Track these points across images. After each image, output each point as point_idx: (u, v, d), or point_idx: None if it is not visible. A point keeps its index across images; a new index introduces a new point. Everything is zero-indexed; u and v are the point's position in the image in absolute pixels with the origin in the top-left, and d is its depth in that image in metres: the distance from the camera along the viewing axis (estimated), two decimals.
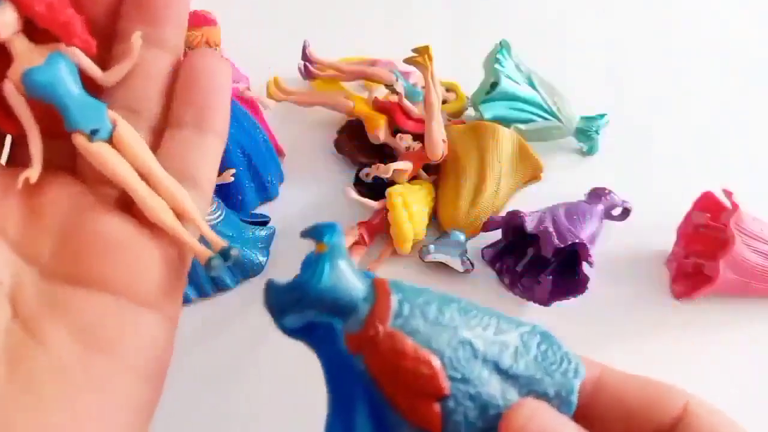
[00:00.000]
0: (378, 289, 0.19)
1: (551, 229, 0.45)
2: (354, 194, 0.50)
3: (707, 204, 0.50)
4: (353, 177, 0.55)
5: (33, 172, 0.20)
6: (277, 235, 0.50)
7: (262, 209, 0.53)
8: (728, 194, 0.47)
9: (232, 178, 0.47)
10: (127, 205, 0.23)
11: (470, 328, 0.19)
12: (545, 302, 0.46)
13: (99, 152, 0.21)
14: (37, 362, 0.19)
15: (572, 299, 0.45)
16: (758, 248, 0.46)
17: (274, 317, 0.20)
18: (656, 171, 0.58)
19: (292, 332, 0.20)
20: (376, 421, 0.19)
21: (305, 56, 0.57)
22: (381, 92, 0.55)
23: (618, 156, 0.59)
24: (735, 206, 0.46)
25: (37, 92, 0.20)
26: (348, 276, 0.19)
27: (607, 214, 0.51)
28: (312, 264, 0.19)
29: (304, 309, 0.19)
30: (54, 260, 0.21)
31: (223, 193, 0.49)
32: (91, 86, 0.21)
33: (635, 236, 0.52)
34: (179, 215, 0.22)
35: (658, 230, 0.52)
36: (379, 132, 0.53)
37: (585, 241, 0.45)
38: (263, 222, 0.51)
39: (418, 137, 0.52)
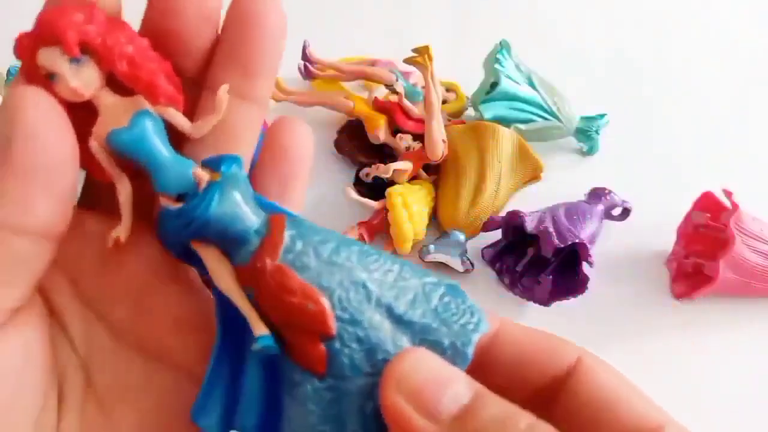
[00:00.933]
0: (272, 224, 0.19)
1: (551, 229, 0.45)
2: (354, 194, 0.50)
3: (707, 204, 0.50)
4: (353, 177, 0.55)
5: (123, 232, 0.19)
6: None
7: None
8: (728, 194, 0.47)
9: None
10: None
11: (368, 271, 0.19)
12: (545, 302, 0.46)
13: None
14: None
15: (572, 299, 0.45)
16: (758, 248, 0.46)
17: (164, 244, 0.20)
18: (656, 171, 0.58)
19: (183, 256, 0.20)
20: (266, 369, 0.19)
21: (305, 56, 0.57)
22: (381, 92, 0.55)
23: (618, 156, 0.59)
24: (735, 206, 0.46)
25: (123, 152, 0.19)
26: (240, 206, 0.19)
27: (607, 214, 0.51)
28: (204, 192, 0.19)
29: (193, 236, 0.19)
30: (128, 325, 0.20)
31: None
32: (177, 137, 0.20)
33: (635, 236, 0.52)
34: None
35: (658, 230, 0.52)
36: (379, 132, 0.53)
37: (585, 241, 0.45)
38: None
39: (418, 137, 0.52)
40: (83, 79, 0.18)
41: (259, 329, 0.18)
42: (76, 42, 0.18)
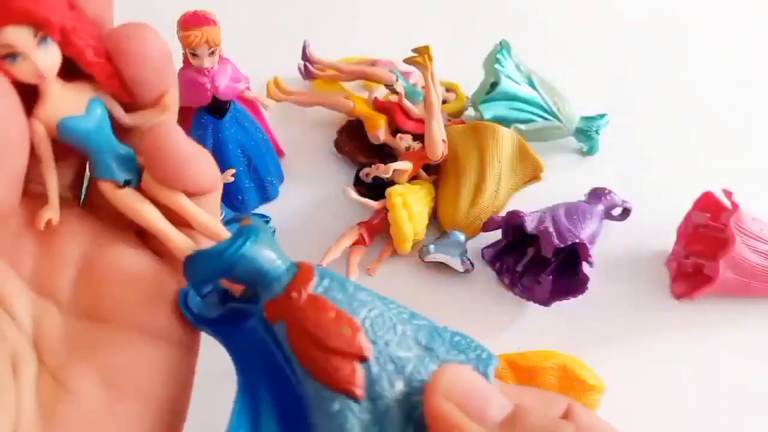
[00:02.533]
0: (300, 264, 0.20)
1: (551, 229, 0.45)
2: (354, 194, 0.50)
3: (707, 204, 0.50)
4: (353, 177, 0.55)
5: (54, 214, 0.20)
6: (277, 235, 0.50)
7: (262, 209, 0.53)
8: (728, 194, 0.47)
9: (232, 178, 0.47)
10: (144, 237, 0.22)
11: (387, 308, 0.20)
12: (545, 302, 0.46)
13: (127, 200, 0.20)
14: (69, 414, 0.19)
15: (572, 299, 0.45)
16: (758, 248, 0.46)
17: (192, 282, 0.20)
18: (656, 171, 0.58)
19: (199, 322, 0.21)
20: (283, 399, 0.20)
21: (305, 56, 0.57)
22: (381, 92, 0.55)
23: (618, 156, 0.59)
24: (735, 206, 0.46)
25: (74, 140, 0.19)
26: (270, 247, 0.20)
27: (607, 214, 0.51)
28: (237, 233, 0.20)
29: (224, 274, 0.20)
30: (73, 296, 0.21)
31: (224, 193, 0.48)
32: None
33: (635, 236, 0.52)
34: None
35: (658, 230, 0.52)
36: (379, 132, 0.53)
37: (585, 241, 0.45)
38: (264, 222, 0.51)
39: (418, 137, 0.52)
40: (48, 61, 0.18)
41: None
42: (59, 24, 0.18)
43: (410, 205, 0.49)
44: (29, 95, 0.19)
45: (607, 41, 0.72)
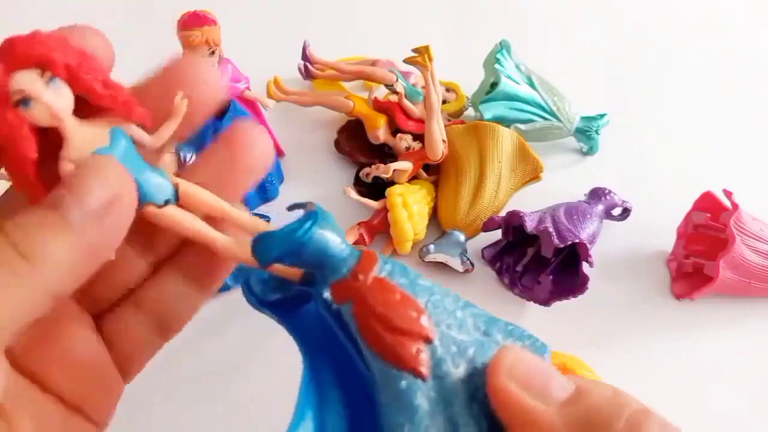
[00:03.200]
0: (364, 251, 0.21)
1: (551, 229, 0.45)
2: (354, 194, 0.50)
3: (707, 204, 0.50)
4: (353, 177, 0.55)
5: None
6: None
7: (262, 209, 0.53)
8: (728, 194, 0.47)
9: None
10: (99, 319, 0.23)
11: (446, 295, 0.21)
12: (545, 302, 0.46)
13: (171, 217, 0.21)
14: None
15: (572, 299, 0.45)
16: (758, 248, 0.46)
17: (260, 261, 0.21)
18: (656, 171, 0.58)
19: (263, 304, 0.22)
20: (347, 377, 0.20)
21: (305, 56, 0.57)
22: (381, 92, 0.55)
23: (618, 156, 0.59)
24: (735, 206, 0.46)
25: None
26: (336, 233, 0.21)
27: (607, 214, 0.51)
28: (306, 217, 0.20)
29: (292, 257, 0.20)
30: (24, 358, 0.21)
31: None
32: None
33: (635, 236, 0.52)
34: None
35: (658, 230, 0.52)
36: (379, 132, 0.53)
37: (585, 241, 0.45)
38: (264, 222, 0.51)
39: (418, 137, 0.52)
40: (62, 102, 0.18)
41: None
42: (63, 63, 0.18)
43: (410, 205, 0.49)
44: (51, 140, 0.19)
45: (607, 41, 0.72)
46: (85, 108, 0.19)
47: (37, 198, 0.19)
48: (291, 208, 0.22)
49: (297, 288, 0.22)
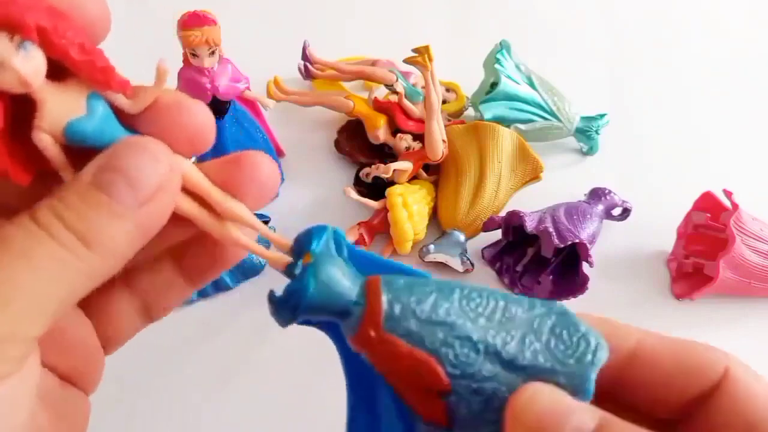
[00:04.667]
0: (369, 291, 0.19)
1: (551, 229, 0.45)
2: (354, 194, 0.50)
3: (707, 204, 0.50)
4: (353, 177, 0.55)
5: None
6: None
7: (262, 209, 0.53)
8: (728, 194, 0.47)
9: None
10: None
11: (471, 320, 0.19)
12: None
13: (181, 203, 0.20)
14: None
15: (572, 299, 0.45)
16: (758, 248, 0.46)
17: (281, 324, 0.20)
18: (656, 171, 0.58)
19: (308, 323, 0.21)
20: (398, 406, 0.20)
21: (305, 56, 0.57)
22: (381, 92, 0.55)
23: (618, 156, 0.59)
24: (735, 206, 0.46)
25: (84, 142, 0.18)
26: (336, 282, 0.19)
27: (607, 214, 0.51)
28: (300, 276, 0.19)
29: (302, 315, 0.20)
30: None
31: None
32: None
33: (635, 236, 0.52)
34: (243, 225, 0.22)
35: (658, 230, 0.52)
36: (379, 132, 0.53)
37: (585, 241, 0.45)
38: (263, 222, 0.51)
39: (418, 137, 0.52)
40: (33, 67, 0.17)
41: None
42: (34, 25, 0.16)
43: (410, 205, 0.49)
44: (22, 108, 0.18)
45: (607, 41, 0.72)
46: (59, 71, 0.18)
47: (5, 171, 0.18)
48: (295, 245, 0.21)
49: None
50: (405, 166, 0.51)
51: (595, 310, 0.21)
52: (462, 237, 0.50)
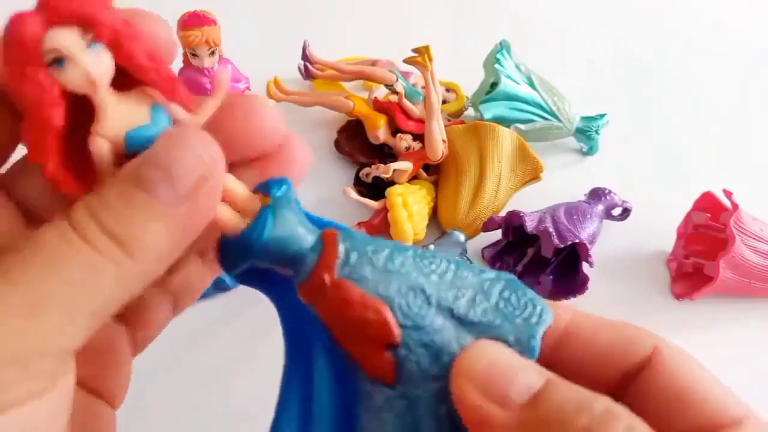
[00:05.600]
0: (326, 240, 0.19)
1: (551, 229, 0.45)
2: (354, 194, 0.50)
3: (707, 204, 0.50)
4: (353, 177, 0.55)
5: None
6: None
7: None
8: (728, 194, 0.47)
9: None
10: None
11: (424, 275, 0.19)
12: None
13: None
14: None
15: (572, 299, 0.45)
16: (758, 248, 0.46)
17: (226, 270, 0.20)
18: (656, 171, 0.58)
19: (244, 280, 0.20)
20: (335, 367, 0.19)
21: (305, 56, 0.57)
22: (381, 92, 0.55)
23: (618, 156, 0.59)
24: (735, 206, 0.46)
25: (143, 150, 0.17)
26: (294, 228, 0.19)
27: (607, 214, 0.51)
28: (258, 216, 0.19)
29: (252, 260, 0.19)
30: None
31: None
32: None
33: (635, 236, 0.52)
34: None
35: (658, 230, 0.52)
36: (379, 132, 0.53)
37: (585, 241, 0.45)
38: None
39: (418, 137, 0.52)
40: (100, 67, 0.16)
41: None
42: (109, 25, 0.16)
43: (410, 205, 0.49)
44: (80, 112, 0.17)
45: (607, 41, 0.71)
46: (121, 81, 0.17)
47: (53, 173, 0.17)
48: (256, 188, 0.20)
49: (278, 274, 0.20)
50: (405, 166, 0.51)
51: (595, 310, 0.21)
52: (462, 237, 0.50)
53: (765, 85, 0.67)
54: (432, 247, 0.49)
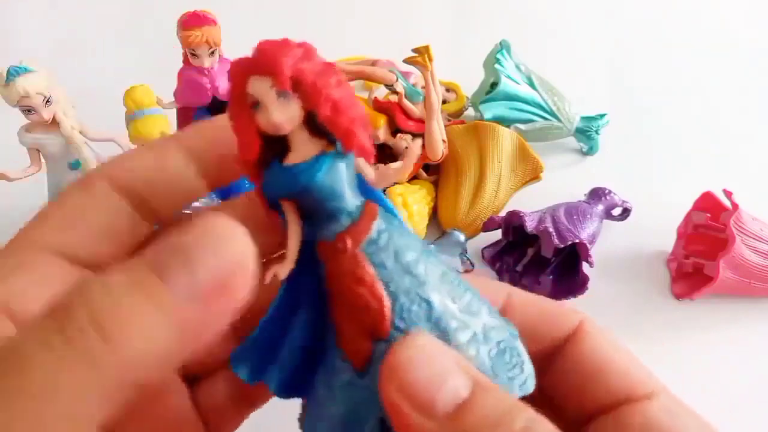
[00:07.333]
0: (366, 211, 0.19)
1: (551, 229, 0.45)
2: None
3: (707, 204, 0.50)
4: None
5: (284, 270, 0.19)
6: None
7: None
8: (728, 194, 0.47)
9: None
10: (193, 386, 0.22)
11: (439, 292, 0.19)
12: None
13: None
14: None
15: (572, 299, 0.45)
16: (758, 248, 0.46)
17: (264, 192, 0.19)
18: (656, 171, 0.58)
19: (272, 206, 0.20)
20: (313, 328, 0.19)
21: None
22: (381, 92, 0.55)
23: (618, 156, 0.59)
24: (735, 206, 0.46)
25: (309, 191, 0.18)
26: (342, 184, 0.19)
27: (607, 214, 0.51)
28: (314, 159, 0.19)
29: (292, 195, 0.19)
30: (118, 428, 0.17)
31: (223, 193, 0.48)
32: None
33: (635, 236, 0.52)
34: None
35: (658, 230, 0.52)
36: (379, 132, 0.53)
37: (585, 241, 0.45)
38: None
39: (418, 137, 0.52)
40: (286, 115, 0.18)
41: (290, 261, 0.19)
42: (289, 77, 0.18)
43: (410, 205, 0.49)
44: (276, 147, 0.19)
45: (607, 41, 0.72)
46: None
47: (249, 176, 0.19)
48: (322, 133, 0.19)
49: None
50: (399, 165, 0.50)
51: (595, 310, 0.21)
52: (462, 237, 0.50)
53: (765, 85, 0.67)
54: (432, 247, 0.49)
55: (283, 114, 0.18)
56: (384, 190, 0.50)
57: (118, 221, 0.19)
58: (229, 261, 0.15)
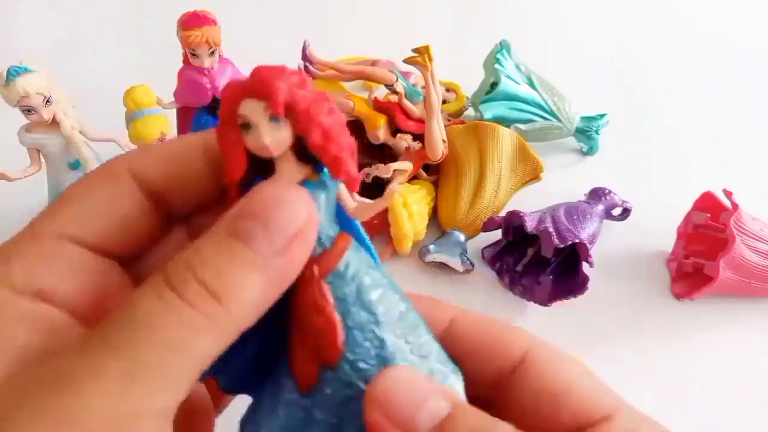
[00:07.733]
0: (337, 242, 0.20)
1: (551, 229, 0.45)
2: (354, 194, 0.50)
3: (707, 204, 0.50)
4: None
5: None
6: None
7: None
8: (728, 194, 0.47)
9: None
10: None
11: (394, 332, 0.19)
12: (545, 302, 0.46)
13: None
14: None
15: (572, 299, 0.45)
16: (758, 248, 0.46)
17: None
18: (656, 171, 0.58)
19: None
20: (271, 342, 0.20)
21: (305, 56, 0.57)
22: (381, 92, 0.55)
23: (618, 156, 0.59)
24: (735, 206, 0.46)
25: None
26: (320, 214, 0.19)
27: (607, 214, 0.51)
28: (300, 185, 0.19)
29: None
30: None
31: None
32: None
33: (635, 236, 0.52)
34: None
35: (658, 230, 0.52)
36: (379, 132, 0.53)
37: (585, 241, 0.45)
38: None
39: (418, 137, 0.52)
40: (276, 139, 0.18)
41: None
42: (284, 103, 0.18)
43: (410, 205, 0.49)
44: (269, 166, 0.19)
45: (607, 41, 0.72)
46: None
47: (230, 190, 0.19)
48: (310, 159, 0.20)
49: None
50: (405, 166, 0.51)
51: (595, 310, 0.21)
52: (462, 237, 0.50)
53: (765, 85, 0.68)
54: (432, 247, 0.49)
55: (273, 137, 0.18)
56: (385, 188, 0.50)
57: (136, 213, 0.20)
58: (298, 217, 0.18)
